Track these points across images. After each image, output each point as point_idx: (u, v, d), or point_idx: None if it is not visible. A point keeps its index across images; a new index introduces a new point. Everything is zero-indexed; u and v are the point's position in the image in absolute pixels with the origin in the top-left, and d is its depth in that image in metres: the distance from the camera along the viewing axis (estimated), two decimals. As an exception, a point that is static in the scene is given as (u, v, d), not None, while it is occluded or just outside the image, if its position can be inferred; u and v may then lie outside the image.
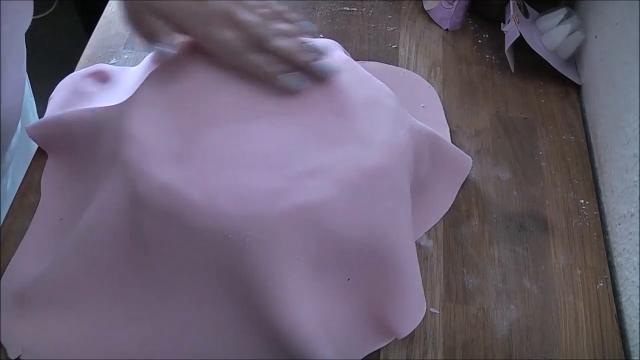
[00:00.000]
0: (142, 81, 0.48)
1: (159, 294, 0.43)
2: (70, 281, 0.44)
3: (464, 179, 0.56)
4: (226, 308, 0.42)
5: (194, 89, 0.47)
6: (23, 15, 0.52)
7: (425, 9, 0.71)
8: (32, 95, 0.65)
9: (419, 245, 0.52)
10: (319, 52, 0.48)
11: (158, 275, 0.43)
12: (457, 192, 0.55)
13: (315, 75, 0.47)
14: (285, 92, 0.46)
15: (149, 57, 0.55)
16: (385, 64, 0.64)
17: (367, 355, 0.45)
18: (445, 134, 0.59)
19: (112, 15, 0.67)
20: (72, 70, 0.59)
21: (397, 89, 0.51)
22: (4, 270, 0.46)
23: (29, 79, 0.61)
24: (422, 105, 0.60)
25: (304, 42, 0.47)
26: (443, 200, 0.55)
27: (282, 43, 0.46)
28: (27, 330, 0.44)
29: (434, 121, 0.59)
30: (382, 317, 0.45)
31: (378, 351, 0.46)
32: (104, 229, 0.43)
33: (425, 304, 0.47)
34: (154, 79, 0.47)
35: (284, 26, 0.47)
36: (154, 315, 0.44)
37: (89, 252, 0.44)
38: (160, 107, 0.45)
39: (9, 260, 0.47)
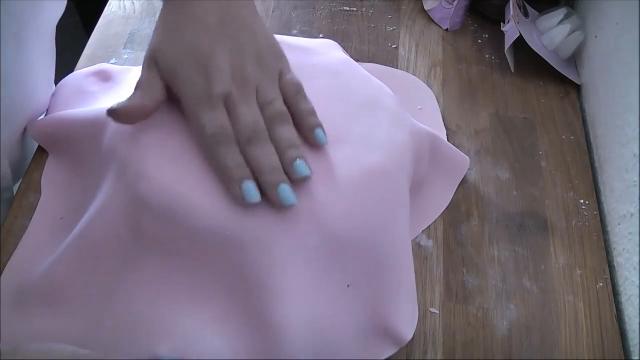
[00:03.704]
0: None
1: (159, 293, 0.43)
2: (70, 282, 0.44)
3: (461, 179, 0.56)
4: (225, 307, 0.42)
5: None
6: (54, 7, 0.52)
7: (425, 9, 0.71)
8: None
9: (419, 245, 0.52)
10: (292, 177, 0.40)
11: (158, 275, 0.43)
12: (454, 191, 0.55)
13: (271, 200, 0.40)
14: (232, 198, 0.40)
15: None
16: (383, 66, 0.64)
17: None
18: (442, 136, 0.59)
19: (112, 15, 0.67)
20: (72, 70, 0.59)
21: (395, 91, 0.51)
22: (4, 270, 0.46)
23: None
24: (419, 107, 0.60)
25: (290, 161, 0.40)
26: (441, 199, 0.55)
27: (258, 154, 0.40)
28: (23, 330, 0.44)
29: (431, 123, 0.58)
30: (384, 324, 0.44)
31: (378, 351, 0.46)
32: (105, 230, 0.43)
33: (417, 307, 0.47)
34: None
35: (283, 133, 0.41)
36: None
37: (89, 252, 0.44)
38: (161, 107, 0.45)
39: (9, 261, 0.47)
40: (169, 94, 0.42)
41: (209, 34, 0.42)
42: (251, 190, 0.39)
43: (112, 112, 0.41)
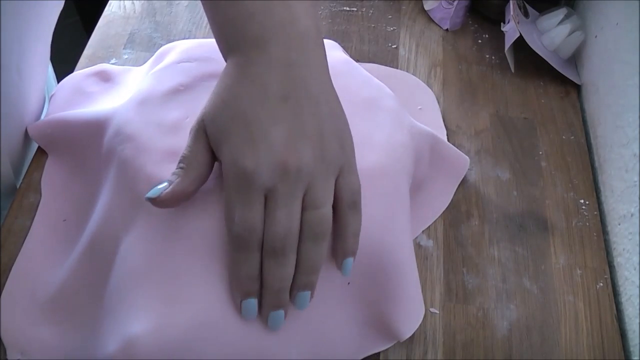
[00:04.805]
0: (143, 81, 0.48)
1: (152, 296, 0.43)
2: (81, 294, 0.44)
3: (461, 179, 0.56)
4: (219, 302, 0.42)
5: (193, 88, 0.47)
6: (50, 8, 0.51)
7: (425, 9, 0.71)
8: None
9: (419, 245, 0.52)
10: (292, 301, 0.39)
11: (155, 278, 0.43)
12: (454, 191, 0.55)
13: (260, 315, 0.39)
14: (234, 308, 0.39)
15: (151, 58, 0.55)
16: (383, 66, 0.64)
17: (367, 356, 0.45)
18: (442, 137, 0.59)
19: (112, 15, 0.67)
20: (72, 71, 0.59)
21: (395, 91, 0.51)
22: (9, 271, 0.46)
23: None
24: (419, 107, 0.60)
25: (301, 286, 0.38)
26: (441, 199, 0.55)
27: (274, 271, 0.37)
28: (31, 339, 0.44)
29: (431, 123, 0.59)
30: (382, 320, 0.44)
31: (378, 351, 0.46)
32: (110, 235, 0.43)
33: (423, 305, 0.47)
34: (155, 79, 0.47)
35: (312, 254, 0.37)
36: None
37: (98, 262, 0.44)
38: (160, 107, 0.45)
39: (9, 261, 0.47)
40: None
41: (267, 106, 0.36)
42: (250, 309, 0.38)
43: (152, 200, 0.37)
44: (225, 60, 0.41)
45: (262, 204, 0.36)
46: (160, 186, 0.37)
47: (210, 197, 0.40)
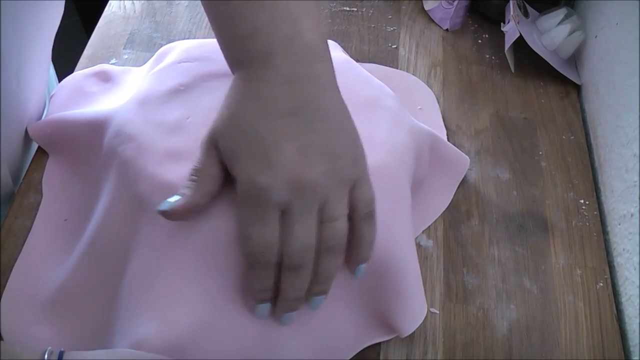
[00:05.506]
0: (143, 82, 0.48)
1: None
2: (83, 293, 0.44)
3: (461, 178, 0.56)
4: (222, 300, 0.42)
5: (194, 88, 0.46)
6: (51, 16, 0.51)
7: (425, 9, 0.71)
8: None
9: (419, 245, 0.52)
10: (307, 303, 0.40)
11: (155, 278, 0.43)
12: (454, 191, 0.55)
13: (273, 315, 0.40)
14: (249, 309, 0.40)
15: (152, 58, 0.55)
16: (383, 66, 0.64)
17: (367, 355, 0.45)
18: (442, 136, 0.59)
19: (112, 15, 0.67)
20: (72, 71, 0.59)
21: (395, 91, 0.51)
22: (9, 271, 0.46)
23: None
24: (419, 107, 0.60)
25: (315, 292, 0.39)
26: (441, 199, 0.55)
27: (292, 282, 0.37)
28: (32, 334, 0.44)
29: (431, 123, 0.59)
30: (383, 316, 0.45)
31: (378, 351, 0.46)
32: (112, 236, 0.43)
33: (425, 303, 0.47)
34: (155, 79, 0.47)
35: (329, 266, 0.38)
36: None
37: (101, 262, 0.44)
38: (160, 107, 0.45)
39: (9, 261, 0.47)
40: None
41: (277, 122, 0.36)
42: (264, 312, 0.39)
43: (163, 213, 0.37)
44: (233, 73, 0.41)
45: (277, 220, 0.36)
46: (171, 199, 0.37)
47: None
